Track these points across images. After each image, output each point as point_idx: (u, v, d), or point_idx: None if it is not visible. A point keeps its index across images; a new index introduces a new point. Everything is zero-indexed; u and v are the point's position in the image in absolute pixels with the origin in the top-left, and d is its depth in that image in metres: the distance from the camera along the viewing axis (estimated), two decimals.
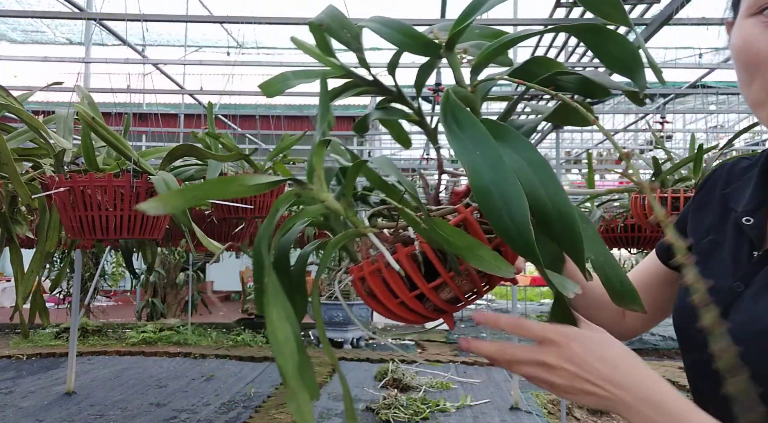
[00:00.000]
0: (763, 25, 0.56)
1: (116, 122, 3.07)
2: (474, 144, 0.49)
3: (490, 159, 0.47)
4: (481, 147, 0.48)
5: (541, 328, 0.55)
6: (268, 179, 0.55)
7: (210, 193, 0.53)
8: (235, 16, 2.87)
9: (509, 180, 0.46)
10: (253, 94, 5.43)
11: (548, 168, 0.49)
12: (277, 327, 0.51)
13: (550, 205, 0.48)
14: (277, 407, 4.37)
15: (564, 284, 0.50)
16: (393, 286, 0.59)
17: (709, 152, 2.22)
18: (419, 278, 0.58)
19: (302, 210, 0.60)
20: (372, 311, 2.49)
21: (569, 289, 0.50)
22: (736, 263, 0.65)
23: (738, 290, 0.63)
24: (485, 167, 0.47)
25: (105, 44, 4.60)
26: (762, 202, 0.66)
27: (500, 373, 5.82)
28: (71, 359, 4.80)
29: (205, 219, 2.44)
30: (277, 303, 0.52)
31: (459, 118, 0.51)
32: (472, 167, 0.47)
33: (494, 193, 0.47)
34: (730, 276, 0.65)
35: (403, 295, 0.59)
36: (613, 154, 8.51)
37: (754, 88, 0.57)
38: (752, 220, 0.65)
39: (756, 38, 0.56)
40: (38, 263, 1.76)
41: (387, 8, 6.84)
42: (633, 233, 2.62)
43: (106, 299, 10.83)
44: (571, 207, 0.48)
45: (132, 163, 1.53)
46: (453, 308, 0.61)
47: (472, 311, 10.77)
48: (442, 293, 0.59)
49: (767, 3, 0.55)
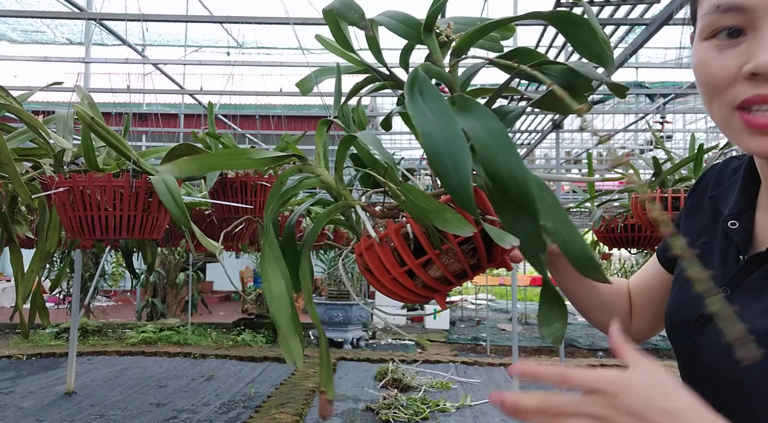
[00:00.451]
0: (716, 49, 0.57)
1: (116, 122, 3.07)
2: (432, 112, 0.51)
3: (444, 124, 0.50)
4: (438, 114, 0.51)
5: (592, 378, 0.49)
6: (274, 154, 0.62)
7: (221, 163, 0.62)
8: (235, 16, 2.87)
9: (459, 143, 0.49)
10: (253, 94, 5.43)
11: (506, 137, 0.51)
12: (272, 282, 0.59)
13: (506, 172, 0.50)
14: (277, 407, 4.37)
15: (501, 237, 0.52)
16: (384, 261, 0.61)
17: (709, 152, 2.22)
18: (407, 253, 0.60)
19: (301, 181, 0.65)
20: (371, 311, 2.44)
21: (507, 241, 0.51)
22: (724, 267, 0.65)
23: (725, 295, 0.62)
24: (438, 132, 0.50)
25: (105, 44, 4.60)
26: (746, 206, 0.66)
27: (500, 373, 5.82)
28: (71, 359, 4.80)
29: (205, 219, 2.44)
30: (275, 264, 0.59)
31: (423, 89, 0.53)
32: (426, 131, 0.50)
33: (444, 154, 0.49)
34: (719, 280, 0.65)
35: (394, 271, 0.61)
36: (613, 153, 8.51)
37: (714, 108, 0.59)
38: (737, 223, 0.65)
39: (710, 62, 0.57)
40: (38, 263, 1.76)
41: (386, 8, 6.82)
42: (633, 233, 2.62)
43: (106, 299, 10.83)
44: (525, 173, 0.50)
45: (131, 163, 1.53)
46: (443, 287, 0.63)
47: (473, 311, 10.78)
48: (431, 270, 0.61)
49: (719, 27, 0.56)
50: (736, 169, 0.72)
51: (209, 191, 2.10)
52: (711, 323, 0.63)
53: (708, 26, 0.57)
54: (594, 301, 0.86)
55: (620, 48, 2.98)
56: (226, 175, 2.15)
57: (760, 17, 0.53)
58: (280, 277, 0.59)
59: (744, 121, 0.55)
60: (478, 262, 0.62)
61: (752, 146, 0.56)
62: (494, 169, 0.50)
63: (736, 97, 0.55)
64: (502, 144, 0.50)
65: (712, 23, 0.57)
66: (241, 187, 2.15)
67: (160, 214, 1.62)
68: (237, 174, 2.16)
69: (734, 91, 0.55)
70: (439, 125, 0.50)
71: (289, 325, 0.58)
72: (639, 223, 2.36)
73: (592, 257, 0.55)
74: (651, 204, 0.48)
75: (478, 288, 11.11)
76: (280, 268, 0.59)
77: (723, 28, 0.56)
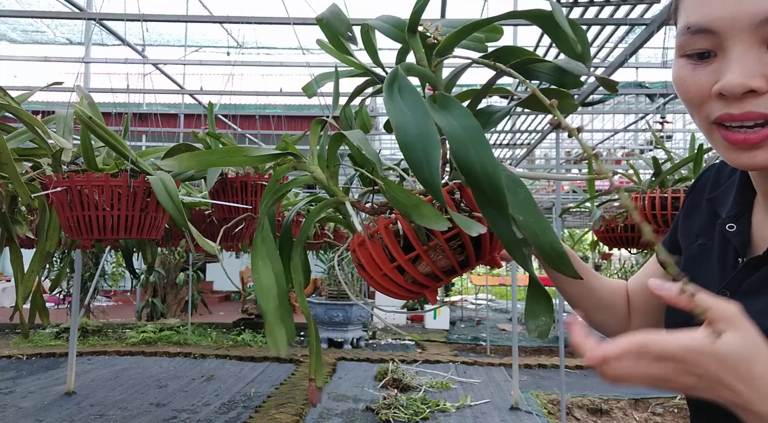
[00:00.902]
0: (691, 66, 0.59)
1: (116, 122, 3.07)
2: (408, 107, 0.53)
3: (419, 119, 0.52)
4: (413, 109, 0.53)
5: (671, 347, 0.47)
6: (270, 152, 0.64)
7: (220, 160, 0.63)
8: (235, 16, 2.87)
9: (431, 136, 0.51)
10: (253, 94, 5.43)
11: (481, 134, 0.53)
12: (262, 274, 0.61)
13: (478, 166, 0.51)
14: (277, 407, 4.36)
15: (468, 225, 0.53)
16: (375, 257, 0.63)
17: (709, 152, 2.22)
18: (396, 249, 0.62)
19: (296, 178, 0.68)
20: (371, 312, 2.47)
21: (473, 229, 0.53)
22: (723, 270, 0.66)
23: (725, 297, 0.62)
24: (412, 125, 0.52)
25: (105, 44, 4.60)
26: (743, 209, 0.67)
27: (500, 373, 5.82)
28: (71, 359, 4.80)
29: (205, 219, 2.44)
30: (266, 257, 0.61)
31: (402, 86, 0.55)
32: (401, 125, 0.52)
33: (417, 147, 0.51)
34: (718, 282, 0.65)
35: (385, 266, 0.63)
36: (613, 153, 8.51)
37: (696, 120, 0.61)
38: (735, 226, 0.66)
39: (686, 79, 0.59)
40: (38, 263, 1.76)
41: (387, 8, 6.83)
42: (633, 233, 2.61)
43: (106, 299, 10.83)
44: (497, 168, 0.51)
45: (130, 163, 1.53)
46: (432, 283, 0.64)
47: (473, 311, 10.78)
48: (420, 266, 0.63)
49: (691, 49, 0.58)
50: (732, 170, 0.73)
51: (209, 191, 2.10)
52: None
53: (681, 46, 0.59)
54: (592, 302, 0.86)
55: (620, 48, 2.98)
56: (226, 175, 2.15)
57: (727, 39, 0.55)
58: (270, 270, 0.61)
59: (722, 135, 0.57)
60: (466, 258, 0.63)
61: (730, 159, 0.58)
62: (467, 163, 0.51)
63: (710, 113, 0.58)
64: (476, 140, 0.52)
65: (685, 44, 0.59)
66: (241, 187, 2.15)
67: (159, 214, 1.62)
68: (237, 174, 2.16)
69: (708, 108, 0.58)
70: (415, 120, 0.52)
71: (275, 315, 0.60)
72: None
73: (563, 251, 0.56)
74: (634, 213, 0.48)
75: (478, 288, 11.11)
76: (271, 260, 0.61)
77: (694, 49, 0.58)
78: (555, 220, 5.12)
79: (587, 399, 4.94)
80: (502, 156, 5.40)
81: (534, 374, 5.95)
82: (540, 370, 6.17)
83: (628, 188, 2.51)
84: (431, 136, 0.51)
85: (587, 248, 12.86)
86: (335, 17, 0.69)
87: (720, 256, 0.67)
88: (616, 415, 4.77)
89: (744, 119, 0.55)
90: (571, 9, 2.50)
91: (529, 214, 0.56)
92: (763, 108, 0.54)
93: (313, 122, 0.65)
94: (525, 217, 0.56)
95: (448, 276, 0.64)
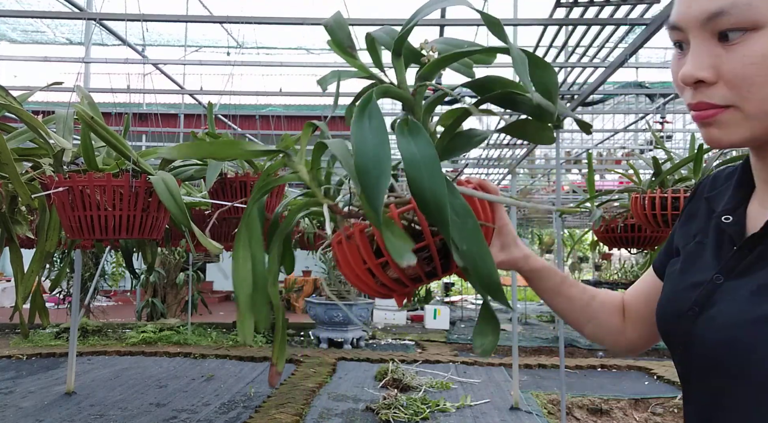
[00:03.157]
0: (677, 57, 0.66)
1: (116, 122, 3.07)
2: (371, 132, 0.57)
3: (376, 145, 0.56)
4: (375, 135, 0.57)
5: None
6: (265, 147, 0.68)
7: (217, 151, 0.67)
8: (235, 16, 2.87)
9: (384, 164, 0.55)
10: (253, 94, 5.43)
11: (436, 163, 0.57)
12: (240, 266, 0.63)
13: (429, 193, 0.56)
14: (277, 407, 4.36)
15: (400, 253, 0.56)
16: (350, 257, 0.66)
17: (709, 152, 2.22)
18: (368, 254, 0.65)
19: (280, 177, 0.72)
20: (371, 311, 2.51)
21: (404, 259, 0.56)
22: (718, 259, 0.68)
23: (718, 282, 0.65)
24: (370, 150, 0.55)
25: (105, 44, 4.60)
26: (740, 202, 0.70)
27: (500, 373, 5.82)
28: (71, 359, 4.80)
29: (205, 219, 2.44)
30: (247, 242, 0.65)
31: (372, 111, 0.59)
32: (360, 148, 0.56)
33: (371, 171, 0.55)
34: (712, 269, 0.67)
35: (357, 267, 0.66)
36: (613, 153, 8.51)
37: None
38: (731, 218, 0.69)
39: (673, 69, 0.66)
40: (38, 263, 1.76)
41: (387, 8, 6.83)
42: (633, 233, 2.62)
43: (106, 299, 10.83)
44: (444, 197, 0.55)
45: (131, 162, 1.53)
46: (399, 288, 0.67)
47: (473, 311, 10.76)
48: (389, 272, 0.66)
49: (676, 40, 0.65)
50: (730, 174, 0.75)
51: (209, 191, 2.10)
52: (705, 311, 0.65)
53: (671, 36, 0.66)
54: (580, 315, 0.88)
55: (620, 48, 2.98)
56: (226, 175, 2.15)
57: (688, 34, 0.62)
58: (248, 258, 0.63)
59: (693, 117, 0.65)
60: (433, 270, 0.66)
61: (702, 137, 0.65)
62: (419, 189, 0.56)
63: (686, 99, 0.65)
64: (430, 168, 0.56)
65: (669, 36, 0.67)
66: (240, 186, 2.15)
67: (160, 214, 1.62)
68: (236, 174, 2.16)
69: (685, 95, 0.65)
70: (373, 146, 0.56)
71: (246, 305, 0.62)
72: (639, 223, 2.36)
73: (498, 283, 0.61)
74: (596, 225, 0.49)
75: None
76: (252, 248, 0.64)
77: (673, 41, 0.66)
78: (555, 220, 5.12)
79: (587, 399, 4.94)
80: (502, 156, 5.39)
81: (534, 374, 5.95)
82: (540, 370, 6.17)
83: (628, 188, 2.51)
84: (384, 164, 0.55)
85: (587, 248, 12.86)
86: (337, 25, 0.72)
87: (715, 246, 0.69)
88: (616, 415, 4.77)
89: (696, 108, 0.62)
90: (571, 9, 2.50)
91: (473, 244, 0.59)
92: (708, 97, 0.61)
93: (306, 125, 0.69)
94: (469, 247, 0.59)
95: (414, 283, 0.67)
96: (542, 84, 0.66)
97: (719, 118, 0.61)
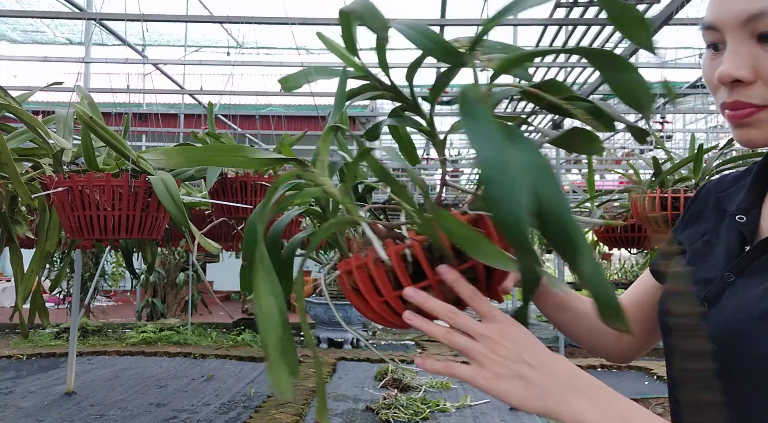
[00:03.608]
0: (710, 57, 0.66)
1: (116, 122, 3.07)
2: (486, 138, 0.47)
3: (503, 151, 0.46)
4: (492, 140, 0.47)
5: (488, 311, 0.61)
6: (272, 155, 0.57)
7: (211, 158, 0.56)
8: (235, 16, 2.87)
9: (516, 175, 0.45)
10: (253, 94, 5.43)
11: (552, 172, 0.47)
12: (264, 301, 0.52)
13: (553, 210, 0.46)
14: (277, 407, 4.37)
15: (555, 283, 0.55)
16: (378, 282, 0.58)
17: (709, 152, 2.22)
18: (405, 277, 0.57)
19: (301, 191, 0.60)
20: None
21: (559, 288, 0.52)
22: (728, 257, 0.68)
23: (729, 280, 0.65)
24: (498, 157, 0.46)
25: (105, 44, 4.60)
26: (754, 203, 0.70)
27: None
28: (71, 359, 4.80)
29: (205, 219, 2.44)
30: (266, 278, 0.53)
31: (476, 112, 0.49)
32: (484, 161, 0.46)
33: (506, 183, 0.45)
34: (722, 267, 0.67)
35: (387, 294, 0.58)
36: (613, 153, 8.51)
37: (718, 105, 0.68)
38: (745, 217, 0.69)
39: (706, 69, 0.67)
40: (38, 263, 1.76)
41: (386, 7, 6.83)
42: (633, 233, 2.62)
43: (106, 299, 10.83)
44: (571, 214, 0.47)
45: (131, 162, 1.53)
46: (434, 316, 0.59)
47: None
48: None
49: (711, 40, 0.65)
50: (736, 178, 0.76)
51: (209, 191, 2.10)
52: (713, 307, 0.65)
53: (704, 37, 0.67)
54: (581, 326, 0.88)
55: (620, 48, 2.98)
56: (226, 175, 2.15)
57: (725, 34, 0.63)
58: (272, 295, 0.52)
59: (727, 115, 0.65)
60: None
61: (735, 136, 0.65)
62: (539, 204, 0.45)
63: (719, 99, 0.65)
64: (546, 179, 0.46)
65: (703, 38, 0.67)
66: (241, 187, 2.15)
67: (159, 214, 1.62)
68: (237, 174, 2.16)
69: (718, 93, 0.65)
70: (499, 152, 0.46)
71: (277, 349, 0.50)
72: (639, 223, 2.36)
73: (618, 307, 0.51)
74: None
75: None
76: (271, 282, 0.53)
77: (708, 42, 0.66)
78: None
79: None
80: None
81: None
82: None
83: (628, 188, 2.51)
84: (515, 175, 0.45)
85: None
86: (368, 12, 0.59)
87: (726, 245, 0.70)
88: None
89: (733, 107, 0.62)
90: (571, 9, 2.50)
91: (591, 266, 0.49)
92: (746, 97, 0.61)
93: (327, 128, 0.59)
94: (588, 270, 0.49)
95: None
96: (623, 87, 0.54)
97: (757, 118, 0.62)
